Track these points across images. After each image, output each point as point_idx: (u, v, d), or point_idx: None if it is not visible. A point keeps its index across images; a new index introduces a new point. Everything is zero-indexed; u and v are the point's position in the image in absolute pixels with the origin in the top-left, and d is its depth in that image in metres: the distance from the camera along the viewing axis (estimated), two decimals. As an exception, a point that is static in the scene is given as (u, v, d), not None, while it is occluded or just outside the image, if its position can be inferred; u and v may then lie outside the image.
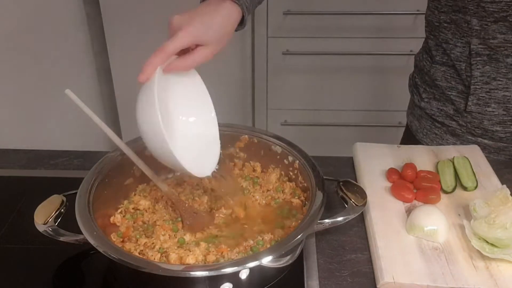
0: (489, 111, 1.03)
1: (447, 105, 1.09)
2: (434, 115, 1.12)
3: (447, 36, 1.04)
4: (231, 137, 0.96)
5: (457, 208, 0.90)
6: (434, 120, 1.12)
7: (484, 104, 1.03)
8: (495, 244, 0.78)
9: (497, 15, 0.93)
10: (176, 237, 0.79)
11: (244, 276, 0.69)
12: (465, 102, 1.05)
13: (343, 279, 0.78)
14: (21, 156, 1.09)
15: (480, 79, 1.01)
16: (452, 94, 1.07)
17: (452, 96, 1.07)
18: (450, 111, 1.09)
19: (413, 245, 0.81)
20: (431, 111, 1.12)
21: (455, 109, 1.07)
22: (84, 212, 0.75)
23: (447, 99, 1.08)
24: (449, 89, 1.07)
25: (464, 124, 1.07)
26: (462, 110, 1.06)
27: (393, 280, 0.75)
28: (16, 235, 0.87)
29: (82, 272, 0.81)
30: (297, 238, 0.70)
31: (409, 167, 0.96)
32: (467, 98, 1.04)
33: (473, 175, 0.96)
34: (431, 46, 1.10)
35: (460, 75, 1.04)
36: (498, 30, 0.95)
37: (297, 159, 0.88)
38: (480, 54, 0.99)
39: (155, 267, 0.67)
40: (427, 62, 1.11)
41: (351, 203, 0.82)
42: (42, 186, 0.95)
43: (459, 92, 1.06)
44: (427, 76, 1.12)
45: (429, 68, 1.11)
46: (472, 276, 0.75)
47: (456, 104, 1.07)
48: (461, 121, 1.07)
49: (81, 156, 1.08)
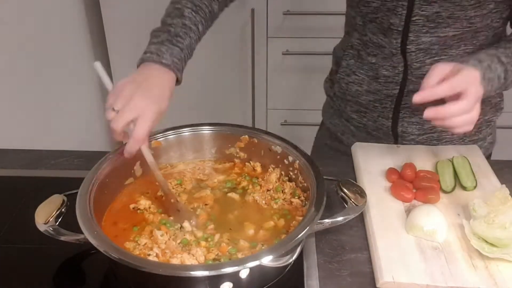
0: (348, 100, 1.13)
1: (334, 87, 1.17)
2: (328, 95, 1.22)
3: (348, 27, 1.11)
4: (231, 137, 0.96)
5: (456, 208, 0.90)
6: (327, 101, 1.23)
7: (343, 93, 1.13)
8: (494, 244, 0.78)
9: (371, 16, 0.99)
10: (178, 238, 0.79)
11: (244, 275, 0.69)
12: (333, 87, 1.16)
13: (343, 279, 0.78)
14: (21, 156, 1.09)
15: (344, 70, 1.10)
16: (335, 77, 1.15)
17: (335, 79, 1.15)
18: (333, 91, 1.18)
19: (413, 245, 0.82)
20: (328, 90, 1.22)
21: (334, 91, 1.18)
22: (84, 212, 0.75)
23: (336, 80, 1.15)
24: (335, 72, 1.16)
25: (335, 107, 1.19)
26: (335, 93, 1.17)
27: (392, 280, 0.75)
28: (17, 235, 0.87)
29: (83, 272, 0.81)
30: (297, 238, 0.70)
31: (409, 167, 0.97)
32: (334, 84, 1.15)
33: (472, 175, 0.96)
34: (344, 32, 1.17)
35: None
36: (371, 30, 1.01)
37: (297, 159, 0.89)
38: (353, 48, 1.08)
39: (155, 267, 0.67)
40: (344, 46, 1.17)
41: (351, 203, 0.82)
42: (42, 186, 0.95)
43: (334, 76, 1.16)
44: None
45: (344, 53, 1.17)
46: (471, 276, 0.76)
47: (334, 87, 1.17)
48: (336, 103, 1.18)
49: (81, 156, 1.08)
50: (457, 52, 0.97)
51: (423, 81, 0.81)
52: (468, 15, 0.92)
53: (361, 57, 1.06)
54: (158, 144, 0.93)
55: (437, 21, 0.93)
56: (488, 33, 0.97)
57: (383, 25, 0.98)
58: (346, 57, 1.09)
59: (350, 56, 1.08)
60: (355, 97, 1.10)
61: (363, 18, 1.01)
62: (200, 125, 0.97)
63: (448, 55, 0.97)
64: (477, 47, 0.97)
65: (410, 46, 0.97)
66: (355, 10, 1.02)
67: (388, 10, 0.95)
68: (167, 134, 0.95)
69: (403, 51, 0.98)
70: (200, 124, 0.98)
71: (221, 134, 0.97)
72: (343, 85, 1.11)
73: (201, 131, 0.97)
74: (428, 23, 0.94)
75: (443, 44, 0.96)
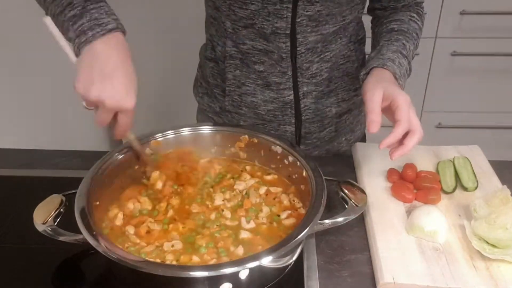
0: (243, 113, 1.08)
1: (215, 102, 1.12)
2: (205, 110, 1.15)
3: (213, 32, 1.06)
4: (231, 137, 0.96)
5: (457, 209, 0.90)
6: (206, 116, 1.16)
7: (237, 106, 1.08)
8: (495, 245, 0.78)
9: (246, 22, 0.95)
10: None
11: (244, 276, 0.68)
12: (224, 101, 1.09)
13: (343, 280, 0.78)
14: (21, 156, 1.09)
15: (233, 82, 1.05)
16: (217, 92, 1.10)
17: (217, 94, 1.10)
18: (217, 108, 1.12)
19: (413, 246, 0.81)
20: (203, 106, 1.16)
21: (220, 106, 1.11)
22: (83, 212, 0.75)
23: (214, 96, 1.12)
24: (215, 86, 1.10)
25: (227, 121, 1.11)
26: (223, 109, 1.10)
27: (393, 281, 0.75)
28: (16, 235, 0.87)
29: (82, 272, 0.81)
30: (297, 239, 0.70)
31: (409, 167, 0.96)
32: (225, 97, 1.08)
33: (473, 175, 0.96)
34: (206, 39, 1.12)
35: (221, 74, 1.07)
36: (247, 36, 0.98)
37: (297, 159, 0.88)
38: (233, 57, 1.02)
39: (154, 267, 0.67)
40: (202, 56, 1.14)
41: (351, 204, 0.82)
42: (42, 186, 0.95)
43: (221, 91, 1.09)
44: (203, 71, 1.14)
45: (203, 62, 1.14)
46: (472, 277, 0.75)
47: (220, 102, 1.10)
48: (225, 118, 1.12)
49: (81, 156, 1.08)
50: (336, 46, 1.02)
51: (370, 117, 0.82)
52: (342, 10, 0.96)
53: (248, 65, 1.02)
54: (158, 144, 0.93)
55: (318, 19, 0.95)
56: (354, 23, 1.04)
57: (264, 30, 0.95)
58: (229, 68, 1.03)
59: (234, 67, 1.03)
60: (253, 108, 1.07)
61: (235, 24, 0.97)
62: (200, 125, 0.97)
63: (330, 50, 1.01)
64: (348, 38, 1.04)
65: (300, 47, 0.97)
66: (226, 14, 0.97)
67: (269, 15, 0.93)
68: (167, 134, 0.94)
69: (293, 54, 0.98)
70: (200, 124, 0.98)
71: (221, 134, 0.96)
72: (236, 97, 1.07)
73: (201, 131, 0.96)
74: (311, 23, 0.95)
75: (325, 41, 0.99)
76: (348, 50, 1.05)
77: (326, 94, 1.06)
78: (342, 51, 1.04)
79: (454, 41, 1.97)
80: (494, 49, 1.96)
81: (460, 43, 1.97)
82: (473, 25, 1.94)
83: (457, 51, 1.98)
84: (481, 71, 2.03)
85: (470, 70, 2.03)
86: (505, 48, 1.97)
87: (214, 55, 1.07)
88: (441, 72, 2.05)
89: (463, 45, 1.97)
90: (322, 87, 1.04)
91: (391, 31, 1.00)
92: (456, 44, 1.98)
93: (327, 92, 1.06)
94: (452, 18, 1.93)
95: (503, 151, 2.04)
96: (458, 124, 2.12)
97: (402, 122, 0.81)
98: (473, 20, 1.93)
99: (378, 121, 0.82)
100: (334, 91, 1.07)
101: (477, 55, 1.98)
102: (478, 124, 2.11)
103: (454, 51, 1.98)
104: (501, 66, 2.02)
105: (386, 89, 0.85)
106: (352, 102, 1.11)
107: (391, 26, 1.01)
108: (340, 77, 1.06)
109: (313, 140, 1.11)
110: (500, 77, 2.04)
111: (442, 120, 2.13)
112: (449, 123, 2.12)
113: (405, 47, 0.96)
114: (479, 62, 2.01)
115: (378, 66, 0.91)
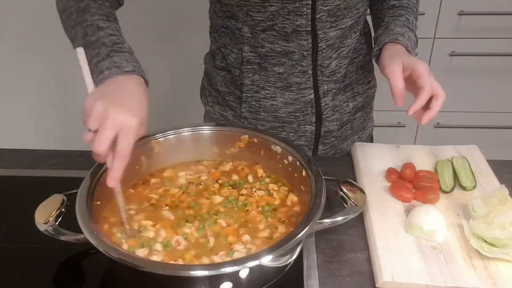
0: (261, 118, 1.08)
1: (227, 110, 1.12)
2: (217, 119, 1.15)
3: (225, 40, 1.06)
4: (231, 137, 0.96)
5: (456, 208, 0.90)
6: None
7: (255, 112, 1.07)
8: (493, 244, 0.78)
9: (265, 24, 0.96)
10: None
11: (244, 275, 0.69)
12: (240, 108, 1.08)
13: (342, 279, 0.78)
14: (21, 156, 1.09)
15: (250, 88, 1.05)
16: (230, 100, 1.10)
17: (230, 102, 1.10)
18: (229, 116, 1.12)
19: (412, 245, 0.82)
20: (214, 115, 1.15)
21: (234, 114, 1.11)
22: (84, 212, 0.75)
23: (226, 104, 1.11)
24: (228, 94, 1.10)
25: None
26: (239, 115, 1.09)
27: (392, 280, 0.75)
28: (17, 235, 0.87)
29: (83, 271, 0.81)
30: (297, 238, 0.70)
31: (408, 167, 0.97)
32: (241, 104, 1.07)
33: (472, 175, 0.96)
34: (213, 49, 1.12)
35: (235, 82, 1.07)
36: (266, 39, 0.98)
37: (297, 159, 0.89)
38: (251, 62, 1.03)
39: (155, 266, 0.67)
40: (210, 66, 1.13)
41: (351, 203, 0.82)
42: (42, 186, 0.95)
43: (236, 98, 1.09)
44: (212, 80, 1.14)
45: (211, 72, 1.13)
46: (470, 276, 0.76)
47: (234, 109, 1.10)
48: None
49: (81, 156, 1.08)
50: (351, 41, 1.04)
51: (394, 90, 0.87)
52: (357, 1, 0.98)
53: (266, 69, 1.03)
54: (158, 144, 0.93)
55: (336, 14, 0.96)
56: (363, 16, 1.06)
57: (285, 29, 0.95)
58: (247, 74, 1.03)
59: (252, 72, 1.03)
60: (272, 112, 1.07)
61: (253, 28, 0.97)
62: (200, 125, 0.97)
63: (345, 45, 1.03)
64: (360, 32, 1.06)
65: (321, 43, 0.98)
66: (242, 21, 0.97)
67: (289, 13, 0.93)
68: (167, 134, 0.95)
69: (314, 51, 0.99)
70: (200, 124, 0.98)
71: (221, 134, 0.97)
72: (254, 103, 1.07)
73: (201, 131, 0.96)
74: (330, 18, 0.96)
75: (342, 36, 1.01)
76: (359, 44, 1.07)
77: (342, 89, 1.08)
78: (355, 45, 1.06)
79: (453, 42, 1.98)
80: (493, 49, 1.97)
81: (459, 43, 1.98)
82: (472, 25, 1.94)
83: (456, 52, 1.98)
84: (480, 71, 2.04)
85: (469, 70, 2.04)
86: (504, 48, 1.97)
87: (226, 63, 1.07)
88: (440, 72, 2.05)
89: (461, 45, 1.98)
90: (339, 83, 1.06)
91: (393, 7, 1.03)
92: (454, 45, 1.98)
93: (343, 88, 1.08)
94: (450, 19, 1.93)
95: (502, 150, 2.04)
96: (457, 124, 2.12)
97: (426, 88, 0.85)
98: (471, 20, 1.93)
99: (403, 95, 0.87)
100: (349, 85, 1.09)
101: (475, 55, 1.99)
102: (477, 124, 2.11)
103: (453, 51, 1.99)
104: (499, 66, 2.02)
105: (405, 60, 0.89)
106: (366, 96, 1.13)
107: (391, 3, 1.04)
108: (354, 71, 1.08)
109: (331, 139, 1.12)
110: (498, 77, 2.05)
111: (440, 120, 2.13)
112: (447, 123, 2.13)
113: (409, 21, 1.00)
114: (478, 62, 2.01)
115: (390, 41, 0.95)
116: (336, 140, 1.13)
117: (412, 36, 0.98)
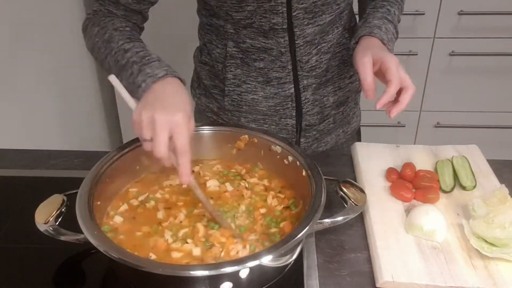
0: (243, 111, 1.10)
1: (213, 102, 1.15)
2: (204, 110, 1.18)
3: (211, 37, 1.08)
4: (231, 137, 0.96)
5: (456, 208, 0.90)
6: (205, 116, 1.19)
7: (237, 105, 1.10)
8: (493, 243, 0.78)
9: (244, 22, 0.98)
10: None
11: (244, 275, 0.69)
12: (223, 101, 1.11)
13: (342, 279, 0.78)
14: (21, 156, 1.09)
15: (232, 82, 1.07)
16: (214, 93, 1.12)
17: (215, 94, 1.13)
18: (215, 108, 1.15)
19: (412, 245, 0.82)
20: (201, 106, 1.18)
21: (218, 106, 1.14)
22: (84, 212, 0.75)
23: (212, 96, 1.14)
24: (212, 87, 1.13)
25: (227, 120, 1.13)
26: (223, 108, 1.12)
27: (392, 280, 0.75)
28: (17, 235, 0.87)
29: (83, 271, 0.82)
30: (297, 238, 0.70)
31: (408, 166, 0.97)
32: (224, 97, 1.10)
33: (472, 174, 0.96)
34: (201, 45, 1.14)
35: (218, 76, 1.09)
36: (247, 35, 1.00)
37: (297, 159, 0.89)
38: (234, 57, 1.04)
39: (155, 266, 0.67)
40: (197, 60, 1.16)
41: (351, 203, 0.82)
42: (42, 186, 0.96)
43: (220, 91, 1.11)
44: (199, 73, 1.17)
45: (197, 66, 1.16)
46: (470, 275, 0.76)
47: (219, 102, 1.12)
48: (224, 117, 1.14)
49: (81, 156, 1.08)
50: (333, 37, 1.04)
51: (364, 83, 0.87)
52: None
53: (247, 64, 1.04)
54: None
55: (314, 11, 0.97)
56: (347, 11, 1.06)
57: (263, 27, 0.97)
58: (230, 68, 1.05)
59: (235, 66, 1.05)
60: (253, 106, 1.09)
61: (235, 25, 0.99)
62: (200, 125, 0.97)
63: (327, 41, 1.03)
64: (343, 26, 1.06)
65: (298, 41, 0.99)
66: (224, 19, 1.00)
67: (265, 12, 0.95)
68: (167, 134, 0.95)
69: (292, 48, 1.00)
70: (200, 124, 0.98)
71: (221, 134, 0.97)
72: (235, 96, 1.09)
73: (201, 131, 0.97)
74: (307, 15, 0.97)
75: (322, 32, 1.01)
76: (343, 38, 1.07)
77: (323, 84, 1.08)
78: (338, 40, 1.06)
79: (452, 41, 1.98)
80: (492, 49, 1.97)
81: (458, 43, 1.98)
82: (471, 25, 1.95)
83: (456, 51, 1.99)
84: (479, 71, 2.04)
85: (468, 70, 2.04)
86: (504, 48, 1.97)
87: (210, 58, 1.10)
88: (440, 72, 2.06)
89: (461, 45, 1.98)
90: (320, 78, 1.07)
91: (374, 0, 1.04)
92: (454, 44, 1.98)
93: (324, 82, 1.08)
94: (450, 18, 1.93)
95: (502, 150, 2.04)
96: (457, 124, 2.13)
97: (393, 81, 0.85)
98: (471, 20, 1.94)
99: (373, 89, 0.87)
100: (331, 80, 1.09)
101: (475, 55, 1.99)
102: (477, 124, 2.11)
103: (453, 51, 1.99)
104: (499, 65, 2.02)
105: (375, 54, 0.89)
106: (347, 90, 1.14)
107: None
108: (337, 66, 1.09)
109: (313, 132, 1.13)
110: (498, 76, 2.05)
111: (440, 119, 2.13)
112: (447, 122, 2.13)
113: (390, 12, 1.01)
114: (477, 62, 2.01)
115: (365, 34, 0.95)
116: (318, 134, 1.14)
117: (390, 28, 0.98)
